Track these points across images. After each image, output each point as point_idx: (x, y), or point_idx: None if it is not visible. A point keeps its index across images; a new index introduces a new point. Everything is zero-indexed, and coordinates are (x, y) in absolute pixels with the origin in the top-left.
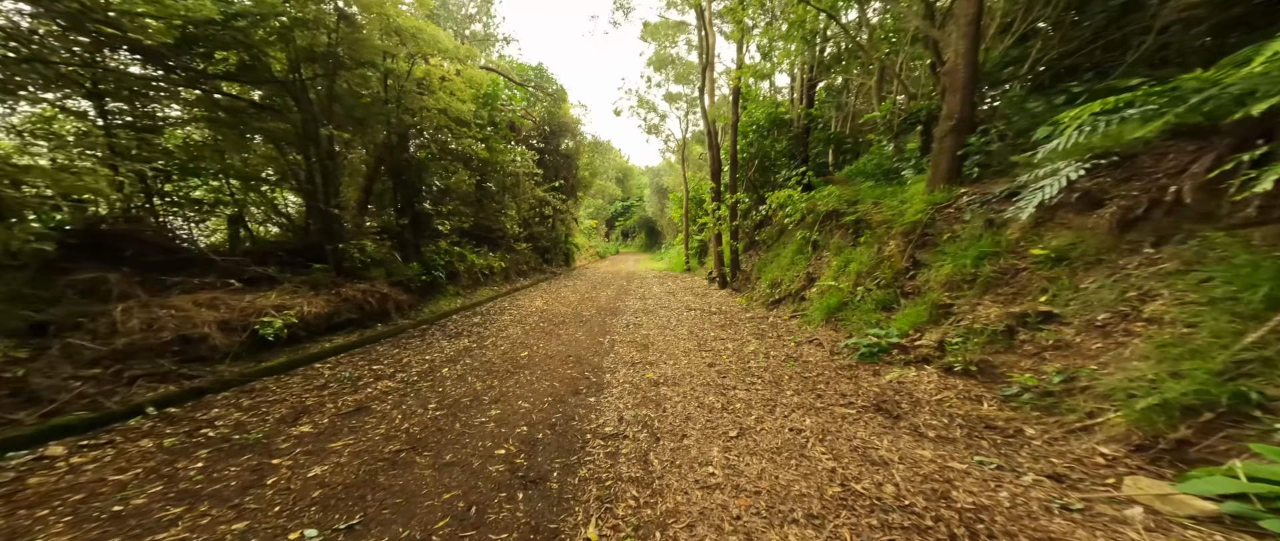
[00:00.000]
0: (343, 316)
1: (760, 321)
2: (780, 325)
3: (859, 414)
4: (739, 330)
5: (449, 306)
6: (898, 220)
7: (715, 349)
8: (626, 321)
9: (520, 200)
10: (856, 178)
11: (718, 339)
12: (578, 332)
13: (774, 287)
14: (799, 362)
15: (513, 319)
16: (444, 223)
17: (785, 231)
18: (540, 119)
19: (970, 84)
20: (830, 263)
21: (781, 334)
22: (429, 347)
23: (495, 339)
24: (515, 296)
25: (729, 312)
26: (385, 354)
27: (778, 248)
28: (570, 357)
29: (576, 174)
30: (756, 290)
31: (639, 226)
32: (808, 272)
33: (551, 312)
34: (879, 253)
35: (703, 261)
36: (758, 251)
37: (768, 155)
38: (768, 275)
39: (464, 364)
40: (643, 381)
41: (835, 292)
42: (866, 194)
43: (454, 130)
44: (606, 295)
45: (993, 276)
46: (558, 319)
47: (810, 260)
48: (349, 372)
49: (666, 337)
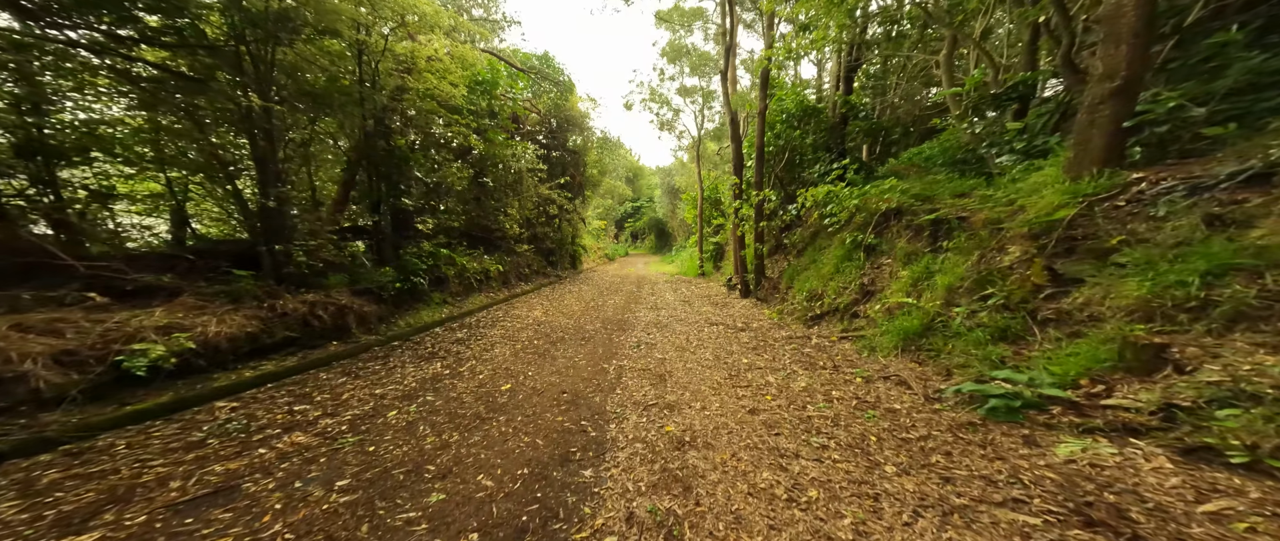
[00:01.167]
0: (278, 335)
1: (801, 343)
2: (829, 349)
3: (1046, 526)
4: (777, 355)
5: (432, 317)
6: (1015, 219)
7: (752, 383)
8: (637, 339)
9: (523, 198)
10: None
11: (753, 367)
12: (577, 355)
13: (813, 301)
14: (882, 412)
15: (503, 334)
16: (425, 221)
17: (821, 233)
18: (546, 112)
19: (1145, 30)
20: (897, 273)
21: (838, 364)
22: (388, 375)
23: (476, 363)
24: (512, 304)
25: (759, 329)
26: (326, 385)
27: (812, 252)
28: (564, 394)
29: (584, 171)
30: (789, 302)
31: (649, 228)
32: (861, 284)
33: (550, 326)
34: (986, 262)
35: (719, 266)
36: (785, 256)
37: (797, 148)
38: (802, 284)
39: (422, 403)
40: (661, 439)
41: (914, 313)
42: (945, 186)
43: (444, 118)
44: (614, 303)
45: (1244, 303)
46: (556, 334)
47: (863, 268)
48: (260, 416)
49: (687, 364)
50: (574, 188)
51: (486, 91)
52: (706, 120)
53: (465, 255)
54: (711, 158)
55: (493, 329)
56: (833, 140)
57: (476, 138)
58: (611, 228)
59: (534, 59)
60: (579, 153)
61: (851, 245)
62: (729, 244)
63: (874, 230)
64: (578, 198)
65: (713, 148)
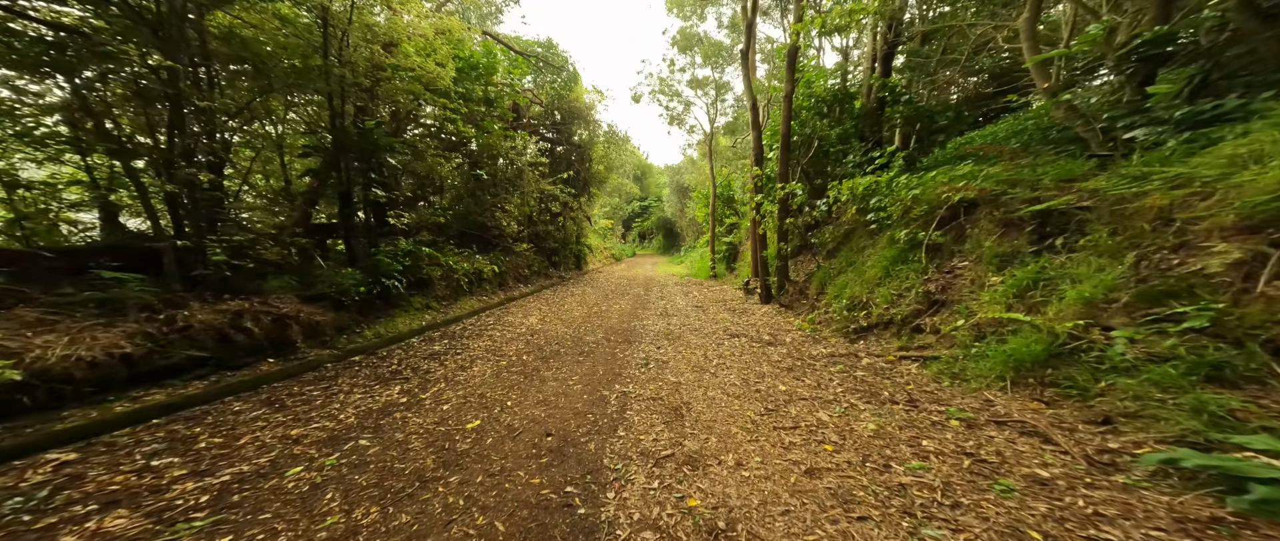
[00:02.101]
0: (176, 355)
1: (849, 363)
2: (890, 374)
3: None
4: (822, 379)
5: (409, 325)
6: (1209, 205)
7: (799, 421)
8: (645, 354)
9: (525, 194)
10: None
11: (794, 397)
12: (572, 375)
13: (856, 310)
14: (1022, 484)
15: (488, 347)
16: (400, 215)
17: (859, 231)
18: (549, 103)
19: None
20: (983, 279)
21: (914, 397)
22: (324, 405)
23: (445, 386)
24: (507, 309)
25: (791, 344)
26: (228, 421)
27: (848, 253)
28: (548, 437)
29: (590, 167)
30: (822, 310)
31: (657, 227)
32: (924, 292)
33: (545, 336)
34: (1156, 266)
35: (733, 267)
36: (813, 257)
37: (825, 138)
38: (839, 290)
39: (349, 451)
40: (682, 524)
41: (1029, 333)
42: (1040, 170)
43: (430, 102)
44: (620, 308)
45: None
46: (550, 347)
47: (927, 272)
48: (91, 477)
49: (708, 391)
50: (579, 184)
51: (482, 77)
52: (719, 114)
53: (454, 254)
54: (724, 154)
55: (478, 339)
56: (868, 128)
57: (468, 125)
58: (618, 227)
59: (537, 47)
60: (584, 147)
61: (907, 244)
62: (744, 244)
63: (939, 226)
64: (583, 195)
65: (725, 143)
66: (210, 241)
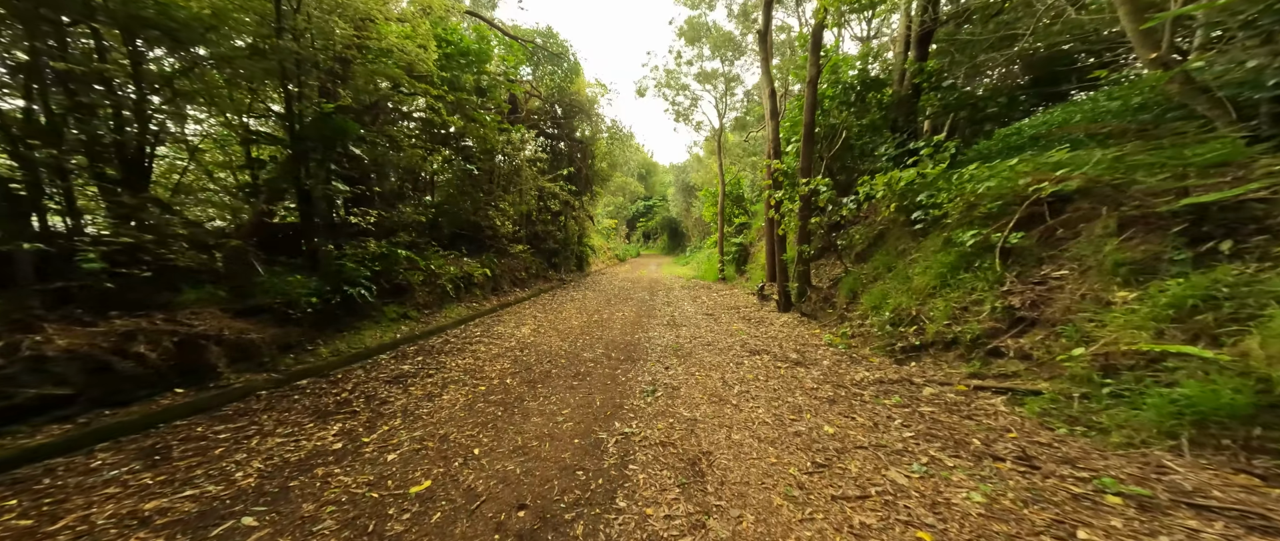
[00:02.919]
0: (21, 395)
1: (906, 393)
2: (967, 409)
3: None
4: (878, 416)
5: (379, 339)
6: None
7: (865, 485)
8: (651, 377)
9: (522, 192)
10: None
11: (849, 444)
12: (563, 408)
13: (902, 324)
14: None
15: (468, 366)
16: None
17: (896, 231)
18: (548, 96)
19: None
20: (1103, 294)
21: (1024, 449)
22: (225, 455)
23: (399, 424)
24: (499, 316)
25: (825, 364)
26: (58, 488)
27: (884, 256)
28: (520, 512)
29: (593, 165)
30: (855, 322)
31: (662, 228)
32: (1004, 306)
33: (537, 352)
34: None
35: (743, 270)
36: (840, 261)
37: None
38: (877, 300)
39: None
40: None
41: (1222, 379)
42: (1194, 154)
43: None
44: (622, 317)
45: None
46: (540, 367)
47: (1004, 281)
48: None
49: (734, 432)
50: (581, 182)
51: (473, 64)
52: (728, 109)
53: (440, 257)
54: (733, 151)
55: (457, 356)
56: (901, 118)
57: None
58: (622, 227)
59: (536, 37)
60: (586, 144)
61: (973, 248)
62: (756, 245)
63: (1018, 226)
64: (585, 193)
65: (733, 140)
66: (82, 244)
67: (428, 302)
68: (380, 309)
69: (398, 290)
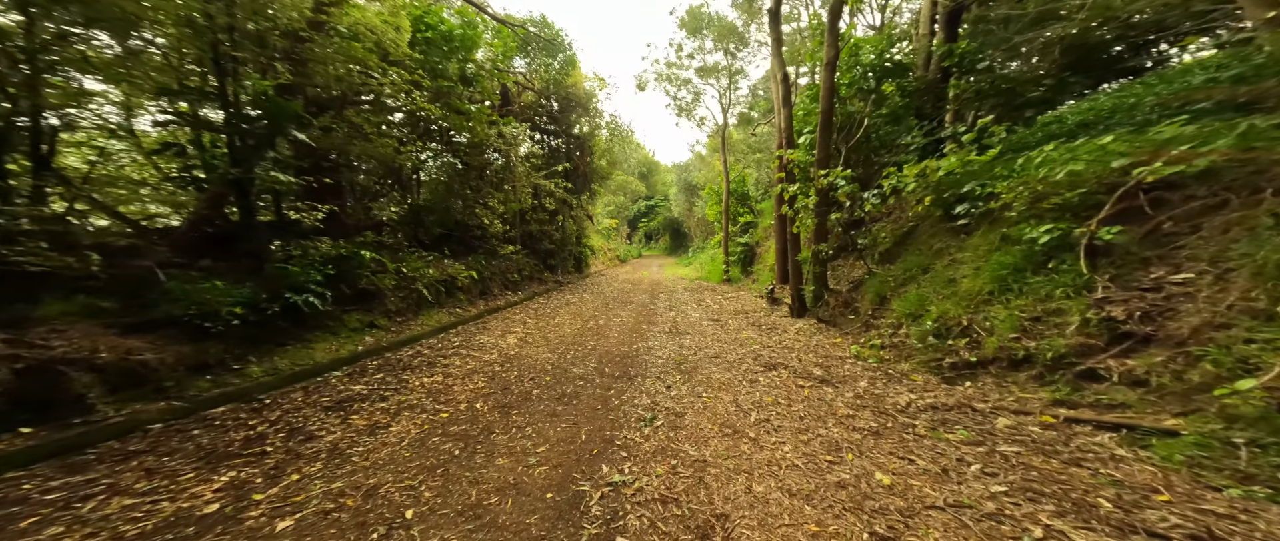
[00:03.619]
0: None
1: (977, 426)
2: (1066, 450)
3: None
4: (944, 459)
5: (334, 353)
6: None
7: None
8: (649, 399)
9: (517, 189)
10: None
11: (916, 503)
12: (539, 445)
13: (950, 335)
14: None
15: (434, 386)
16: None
17: (925, 229)
18: (543, 89)
19: None
20: (1271, 304)
21: (1195, 530)
22: (41, 528)
23: (317, 470)
24: (485, 323)
25: (857, 383)
26: None
27: (915, 255)
28: None
29: (592, 162)
30: (884, 331)
31: (664, 228)
32: (1097, 318)
33: (520, 366)
34: None
35: (749, 271)
36: (861, 261)
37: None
38: (913, 306)
39: None
40: None
41: None
42: None
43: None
44: (620, 323)
45: None
46: (520, 386)
47: (1094, 286)
48: None
49: (755, 482)
50: (579, 180)
51: (458, 51)
52: (733, 104)
53: (418, 258)
54: (737, 148)
55: (424, 373)
56: (928, 104)
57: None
58: (623, 227)
59: (529, 25)
60: (585, 140)
61: (1047, 245)
62: (763, 245)
63: (1107, 220)
64: (584, 192)
65: (737, 136)
66: None
67: (401, 309)
68: (339, 318)
69: (363, 296)
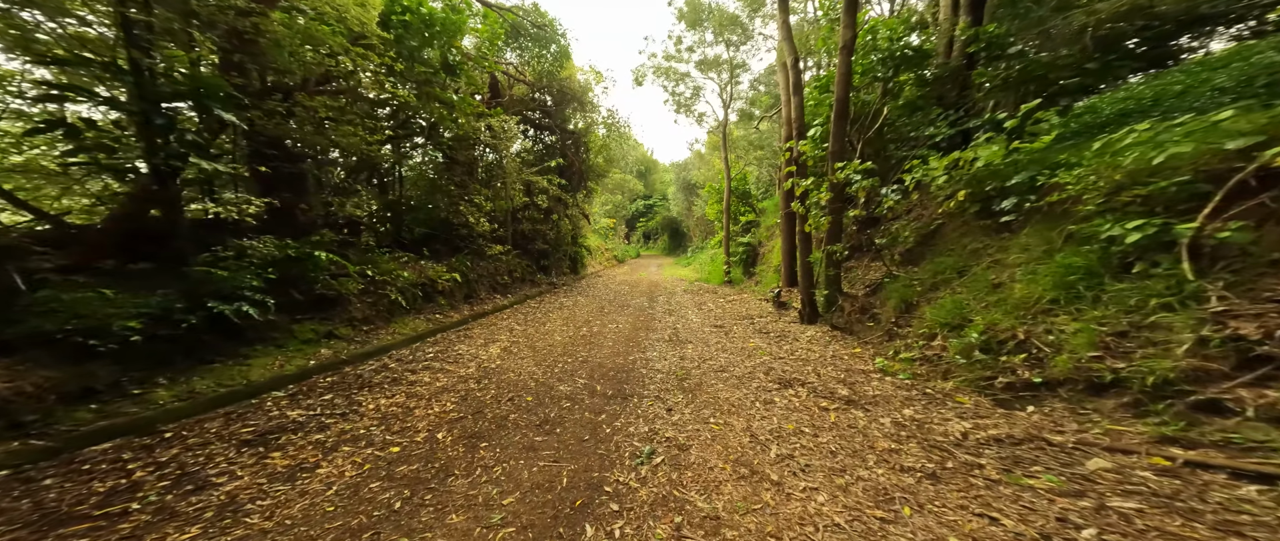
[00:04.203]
0: None
1: (1062, 465)
2: (1205, 507)
3: None
4: (1044, 527)
5: (276, 369)
6: None
7: None
8: (649, 426)
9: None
10: None
11: None
12: (506, 496)
13: (1002, 350)
14: None
15: (388, 412)
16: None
17: (953, 228)
18: (536, 81)
19: None
20: None
21: None
22: None
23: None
24: (467, 331)
25: (906, 414)
26: None
27: (946, 257)
28: None
29: (589, 159)
30: (914, 341)
31: (662, 228)
32: (1225, 335)
33: (499, 382)
34: None
35: (751, 272)
36: (870, 261)
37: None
38: (949, 314)
39: None
40: None
41: None
42: None
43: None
44: (616, 330)
45: None
46: (496, 409)
47: (1203, 298)
48: None
49: None
50: (575, 178)
51: (440, 36)
52: (734, 98)
53: (390, 259)
54: (738, 144)
55: (386, 391)
56: (951, 92)
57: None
58: (621, 226)
59: (519, 12)
60: (580, 135)
61: (1135, 244)
62: (766, 245)
63: (1214, 214)
64: (580, 190)
65: (739, 134)
66: None
67: (369, 316)
68: (287, 328)
69: (322, 302)
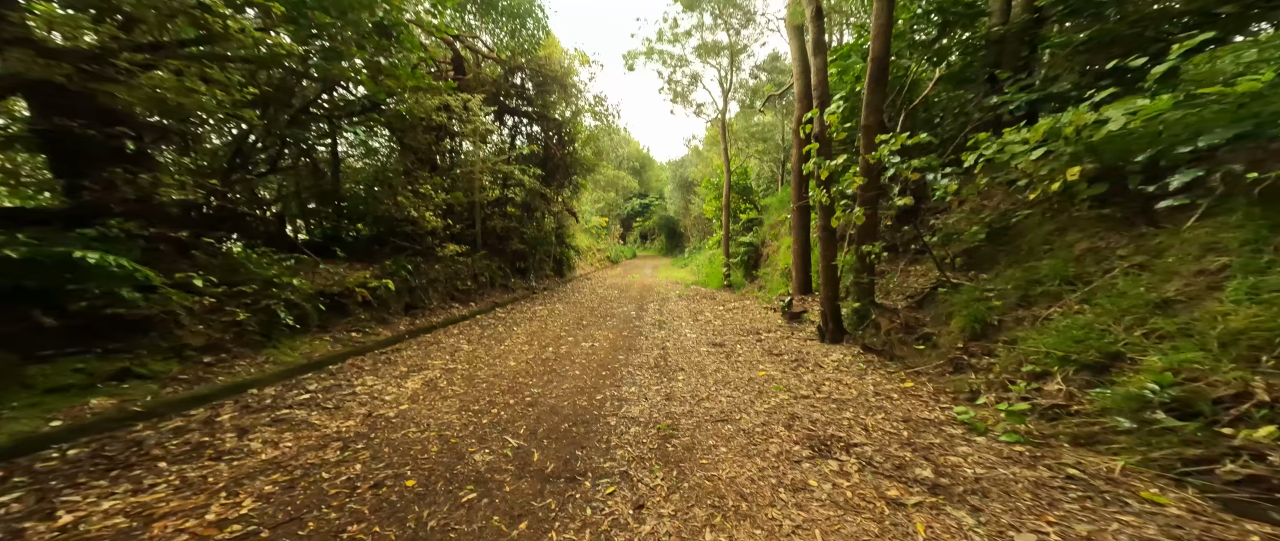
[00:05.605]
0: None
1: None
2: None
3: None
4: None
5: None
6: None
7: None
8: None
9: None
10: None
11: None
12: None
13: (1209, 413)
14: None
15: (121, 532)
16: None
17: (1039, 220)
18: (510, 62)
19: None
20: None
21: None
22: None
23: None
24: (394, 353)
25: (1043, 525)
26: None
27: (1032, 258)
28: None
29: (575, 150)
30: (1015, 380)
31: (659, 227)
32: None
33: (377, 448)
34: None
35: (754, 275)
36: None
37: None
38: (1079, 344)
39: None
40: None
41: None
42: None
43: None
44: (590, 350)
45: None
46: (320, 530)
47: None
48: None
49: None
50: (558, 170)
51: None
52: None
53: (276, 261)
54: (738, 138)
55: (150, 478)
56: (1008, 58)
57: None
58: (616, 225)
59: None
60: (564, 125)
61: None
62: (770, 245)
63: None
64: (566, 185)
65: (738, 126)
66: None
67: (220, 342)
68: (15, 370)
69: (112, 326)
